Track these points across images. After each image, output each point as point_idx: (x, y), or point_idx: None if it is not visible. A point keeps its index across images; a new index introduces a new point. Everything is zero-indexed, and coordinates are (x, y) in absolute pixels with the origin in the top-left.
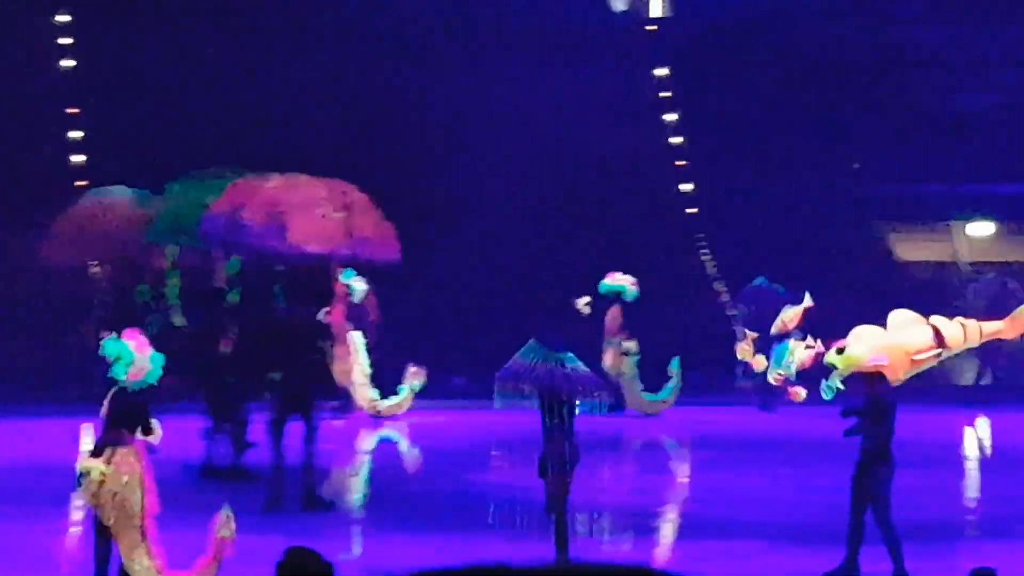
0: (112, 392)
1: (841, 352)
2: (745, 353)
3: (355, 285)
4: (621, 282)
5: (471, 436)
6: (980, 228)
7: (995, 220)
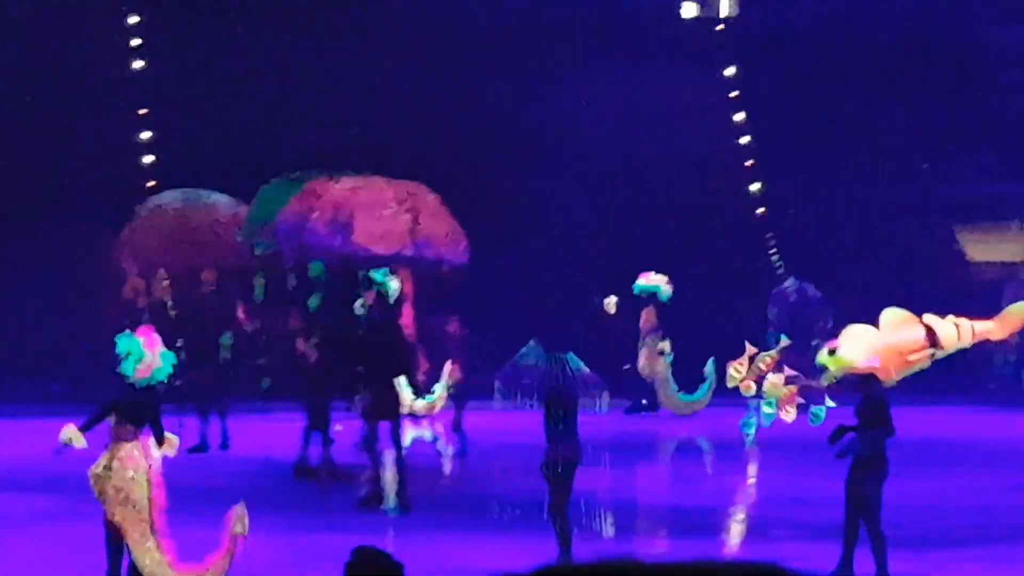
0: (121, 388)
1: (833, 353)
2: (737, 372)
3: (389, 283)
4: (655, 282)
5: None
6: None
7: None
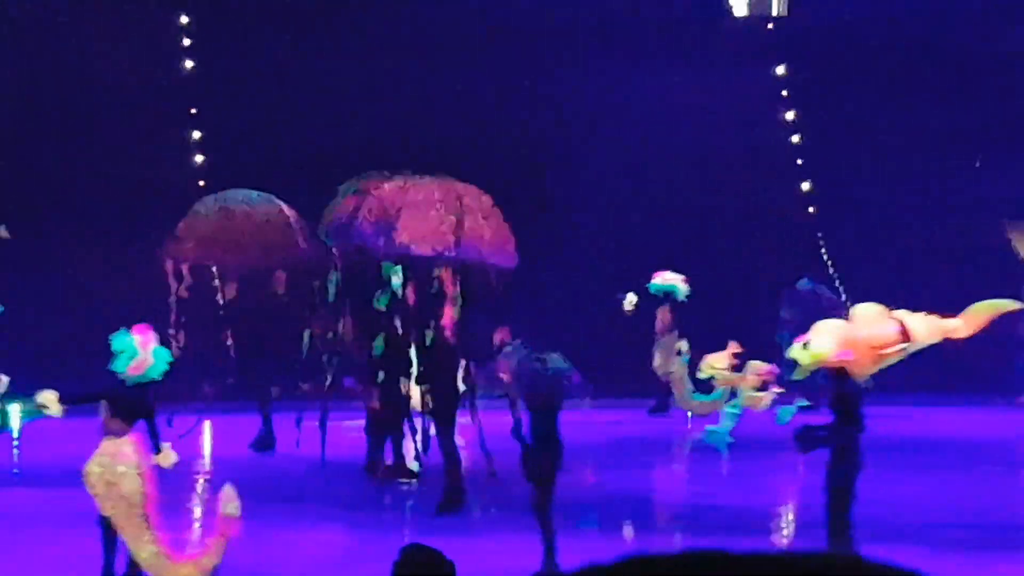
0: (113, 384)
1: (806, 347)
2: (715, 363)
3: (396, 280)
4: (671, 281)
5: (587, 435)
6: None
7: None
